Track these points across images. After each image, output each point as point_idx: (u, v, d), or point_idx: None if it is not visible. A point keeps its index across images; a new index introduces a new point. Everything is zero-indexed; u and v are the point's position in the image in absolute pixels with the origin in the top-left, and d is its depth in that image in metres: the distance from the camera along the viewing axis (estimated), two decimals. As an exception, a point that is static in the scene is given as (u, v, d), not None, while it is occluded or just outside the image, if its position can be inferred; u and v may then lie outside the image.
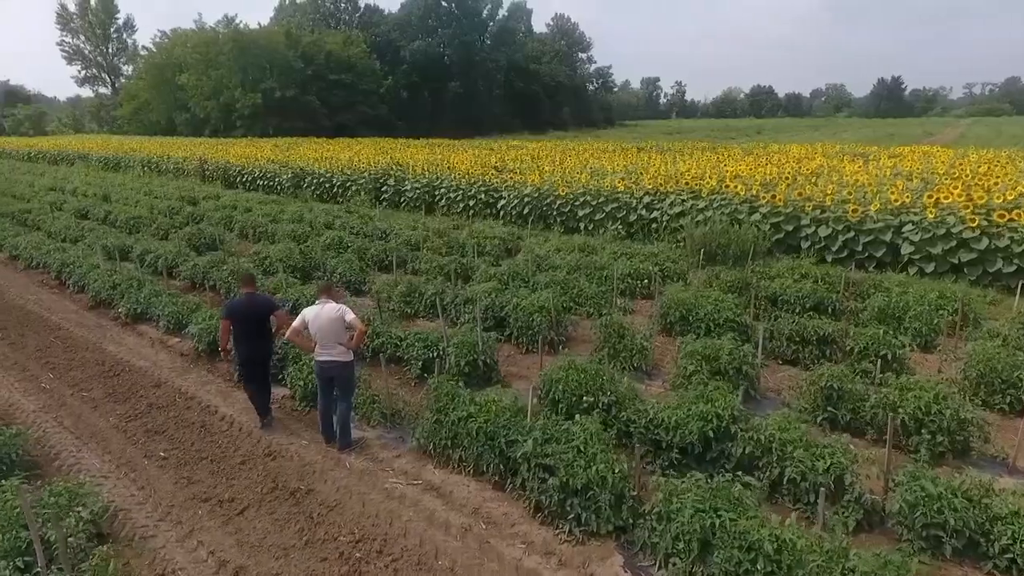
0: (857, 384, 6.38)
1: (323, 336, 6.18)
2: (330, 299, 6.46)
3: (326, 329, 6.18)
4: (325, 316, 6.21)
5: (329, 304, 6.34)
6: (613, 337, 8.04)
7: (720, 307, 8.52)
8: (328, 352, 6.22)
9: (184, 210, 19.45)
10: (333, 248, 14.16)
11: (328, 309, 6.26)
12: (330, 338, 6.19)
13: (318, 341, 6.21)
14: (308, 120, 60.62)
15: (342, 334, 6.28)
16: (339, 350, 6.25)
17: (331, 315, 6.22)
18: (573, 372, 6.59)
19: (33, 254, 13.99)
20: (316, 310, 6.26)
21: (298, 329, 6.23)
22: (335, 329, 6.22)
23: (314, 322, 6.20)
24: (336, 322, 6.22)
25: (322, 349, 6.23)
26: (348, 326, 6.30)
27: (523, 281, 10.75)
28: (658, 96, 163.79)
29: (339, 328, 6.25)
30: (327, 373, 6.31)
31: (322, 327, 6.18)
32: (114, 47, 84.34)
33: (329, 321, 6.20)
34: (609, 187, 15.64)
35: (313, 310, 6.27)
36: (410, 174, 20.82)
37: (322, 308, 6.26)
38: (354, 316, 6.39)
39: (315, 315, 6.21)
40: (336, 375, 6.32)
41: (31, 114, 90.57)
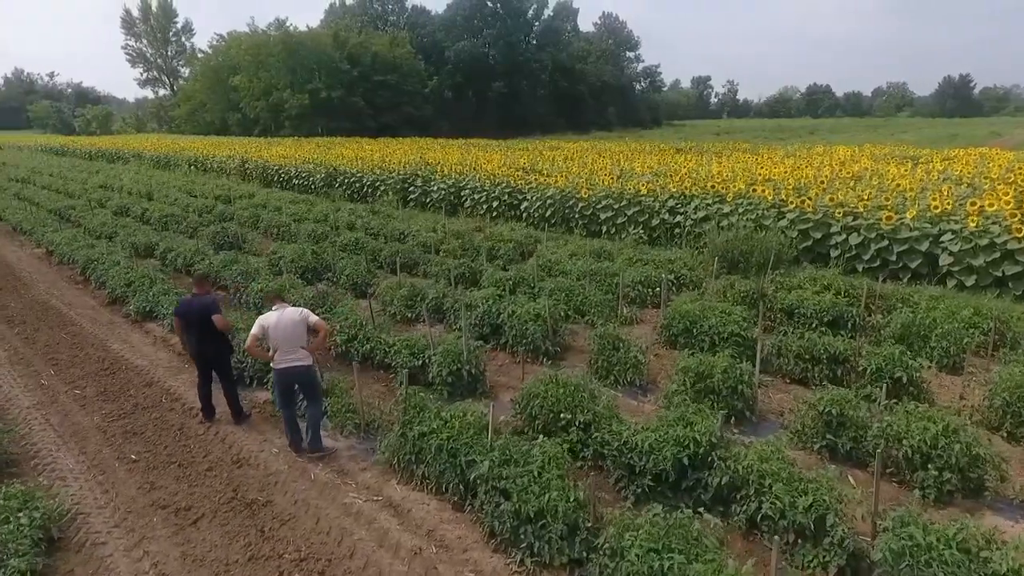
0: (861, 410, 5.83)
1: (285, 342, 6.07)
2: (285, 304, 6.39)
3: (289, 334, 6.08)
4: (287, 320, 6.10)
5: (288, 308, 6.28)
6: (607, 349, 7.66)
7: (726, 319, 8.01)
8: (290, 358, 6.11)
9: (216, 208, 19.88)
10: (349, 249, 14.15)
11: (289, 313, 6.18)
12: (293, 343, 6.10)
13: (279, 348, 6.09)
14: (354, 120, 61.71)
15: (304, 338, 6.20)
16: (301, 354, 6.15)
17: (293, 319, 6.13)
18: (553, 387, 6.26)
19: (65, 250, 14.45)
20: (275, 316, 6.14)
21: (257, 336, 6.10)
22: (298, 333, 6.14)
23: (275, 329, 6.07)
24: (299, 325, 6.14)
25: (283, 355, 6.10)
26: (312, 328, 6.22)
27: (528, 287, 10.46)
28: (709, 96, 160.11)
29: (302, 332, 6.17)
30: (290, 379, 6.20)
31: (285, 333, 6.07)
32: (173, 50, 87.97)
33: (292, 324, 6.10)
34: (632, 190, 15.14)
35: (272, 317, 6.15)
36: (437, 174, 20.73)
37: (282, 314, 6.16)
38: (317, 318, 6.34)
39: (275, 321, 6.09)
40: (300, 380, 6.24)
41: (98, 114, 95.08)
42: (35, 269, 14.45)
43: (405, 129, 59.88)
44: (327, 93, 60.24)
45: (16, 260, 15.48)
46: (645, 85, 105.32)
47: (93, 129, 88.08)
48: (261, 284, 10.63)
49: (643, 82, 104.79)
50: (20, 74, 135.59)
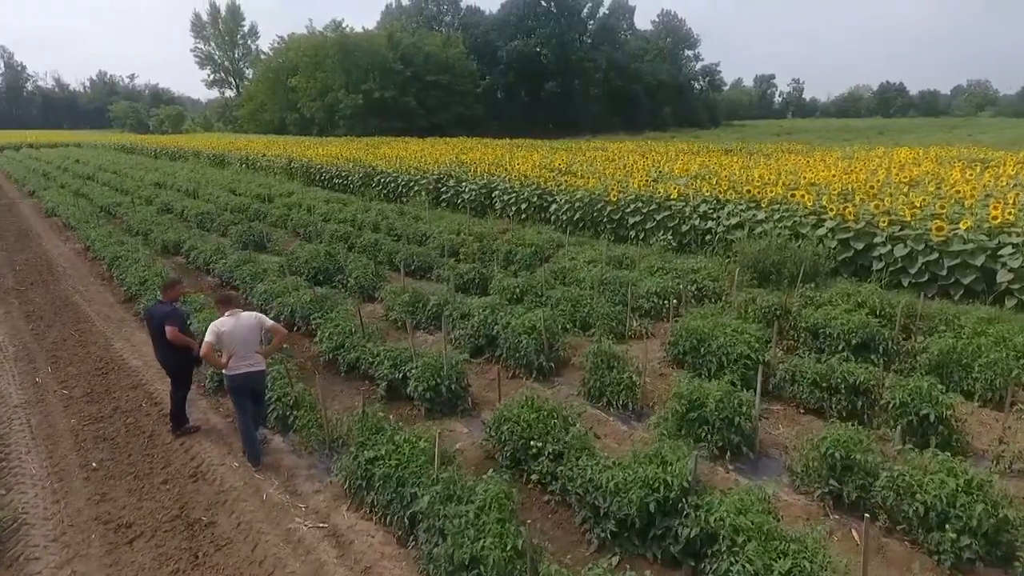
0: (873, 453, 5.06)
1: (242, 347, 5.91)
2: (239, 309, 6.19)
3: (245, 339, 5.93)
4: (244, 326, 5.94)
5: (243, 313, 6.09)
6: (601, 368, 7.07)
7: (736, 339, 7.27)
8: (247, 363, 5.95)
9: (251, 207, 20.16)
10: (368, 251, 13.98)
11: (245, 318, 6.01)
12: (249, 348, 5.95)
13: (235, 353, 5.90)
14: (405, 120, 62.34)
15: (259, 342, 6.07)
16: (257, 359, 6.04)
17: (249, 323, 5.98)
18: (527, 410, 5.74)
19: (98, 246, 14.82)
20: (231, 322, 5.93)
21: (212, 344, 5.88)
22: (254, 339, 6.01)
23: (231, 335, 5.88)
24: (255, 331, 6.00)
25: (240, 361, 5.92)
26: (269, 331, 6.13)
27: (536, 295, 9.93)
28: (772, 95, 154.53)
29: (258, 336, 6.04)
30: (250, 384, 6.05)
31: (241, 338, 5.91)
32: (239, 52, 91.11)
33: (248, 330, 5.96)
34: (662, 193, 14.36)
35: (227, 323, 5.94)
36: (469, 175, 20.38)
37: (237, 319, 5.97)
38: (272, 322, 6.21)
39: (232, 327, 5.90)
40: (258, 385, 6.16)
41: (170, 114, 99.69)
42: (70, 264, 14.88)
43: (456, 129, 60.04)
44: (380, 93, 61.07)
45: (57, 255, 16.01)
46: (704, 84, 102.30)
47: (165, 128, 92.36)
48: (266, 286, 10.51)
49: (702, 81, 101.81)
50: (104, 76, 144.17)
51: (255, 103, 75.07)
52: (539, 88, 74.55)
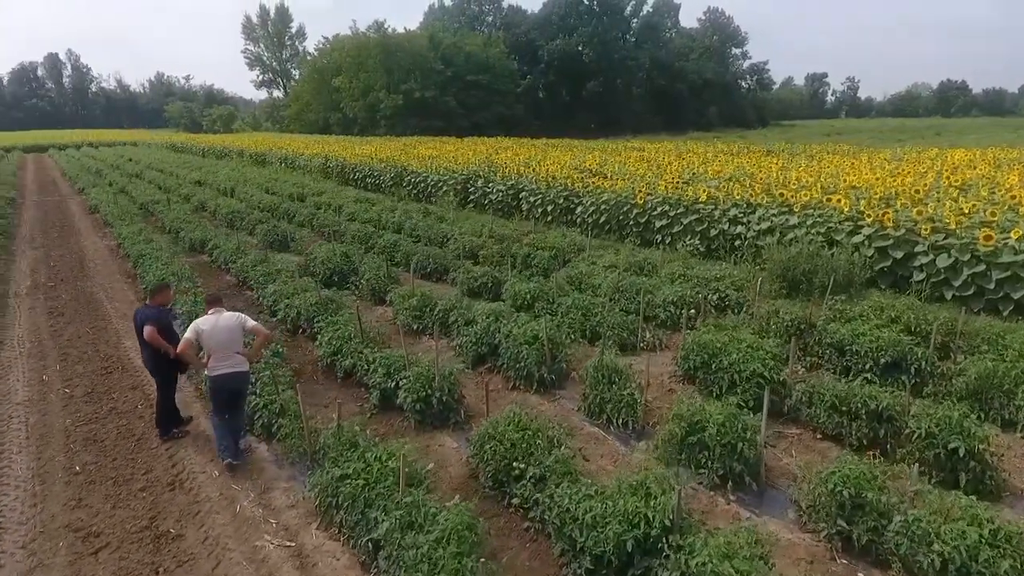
0: (887, 492, 4.53)
1: (221, 347, 5.82)
2: (223, 308, 6.10)
3: (225, 340, 5.82)
4: (224, 325, 5.84)
5: (225, 313, 5.99)
6: (602, 383, 6.66)
7: (750, 355, 6.76)
8: (229, 364, 5.85)
9: (282, 206, 20.34)
10: (387, 252, 13.84)
11: (226, 318, 5.91)
12: (230, 348, 5.83)
13: (214, 353, 5.82)
14: (445, 120, 62.60)
15: (240, 343, 5.94)
16: (239, 359, 5.91)
17: (230, 323, 5.87)
18: (512, 428, 5.40)
19: (128, 243, 15.11)
20: (212, 320, 5.88)
21: (191, 341, 5.84)
22: (235, 339, 5.88)
23: (211, 334, 5.81)
24: (235, 331, 5.87)
25: (220, 362, 5.83)
26: (250, 332, 6.02)
27: (547, 301, 9.57)
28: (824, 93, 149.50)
29: (239, 337, 5.91)
30: (231, 385, 5.94)
31: (221, 338, 5.82)
32: (287, 53, 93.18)
33: (228, 330, 5.84)
34: (691, 196, 13.77)
35: (208, 321, 5.89)
36: (497, 176, 20.09)
37: (218, 318, 5.90)
38: (255, 323, 6.07)
39: (211, 326, 5.83)
40: (239, 386, 6.01)
41: (222, 114, 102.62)
42: (102, 261, 15.23)
43: (495, 128, 59.88)
44: (420, 93, 61.48)
45: (92, 251, 16.43)
46: (751, 83, 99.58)
47: (217, 128, 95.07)
48: (277, 286, 10.44)
49: (749, 80, 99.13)
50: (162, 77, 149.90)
51: (300, 103, 76.58)
52: (580, 87, 73.83)
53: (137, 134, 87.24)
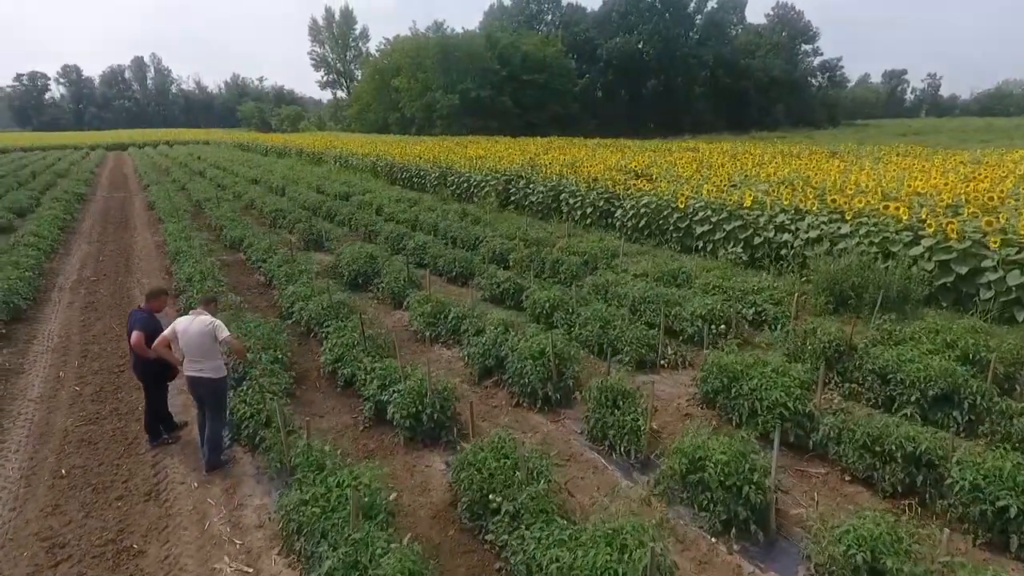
0: (910, 560, 3.84)
1: (189, 350, 5.77)
2: (206, 312, 5.97)
3: (193, 344, 5.75)
4: (194, 329, 5.76)
5: (201, 317, 5.87)
6: (606, 406, 6.12)
7: (773, 381, 6.07)
8: (195, 367, 5.80)
9: (325, 205, 20.52)
10: (416, 253, 13.63)
11: (198, 322, 5.79)
12: (196, 352, 5.75)
13: (185, 355, 5.81)
14: (501, 119, 62.47)
15: (211, 350, 5.81)
16: (208, 365, 5.80)
17: (200, 329, 5.74)
18: (492, 456, 4.96)
19: (170, 240, 15.48)
20: (187, 322, 5.85)
21: (167, 339, 5.87)
22: (203, 344, 5.76)
23: (182, 335, 5.79)
24: (204, 337, 5.74)
25: (189, 363, 5.82)
26: (223, 343, 5.87)
27: (567, 311, 9.06)
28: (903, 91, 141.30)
29: (207, 344, 5.77)
30: (197, 390, 5.94)
31: (190, 340, 5.76)
32: (351, 54, 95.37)
33: (198, 335, 5.74)
34: (735, 201, 12.92)
35: (184, 321, 5.88)
36: (539, 176, 19.61)
37: (192, 321, 5.83)
38: (228, 335, 5.88)
39: (184, 327, 5.80)
40: (204, 392, 5.90)
41: (289, 114, 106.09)
42: (147, 257, 15.65)
43: (551, 128, 59.31)
44: (476, 93, 61.54)
45: (141, 247, 16.93)
46: (822, 80, 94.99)
47: (285, 127, 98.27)
48: (296, 288, 10.33)
49: (820, 77, 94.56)
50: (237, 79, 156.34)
51: (361, 103, 78.16)
52: (640, 86, 72.26)
53: (210, 133, 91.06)
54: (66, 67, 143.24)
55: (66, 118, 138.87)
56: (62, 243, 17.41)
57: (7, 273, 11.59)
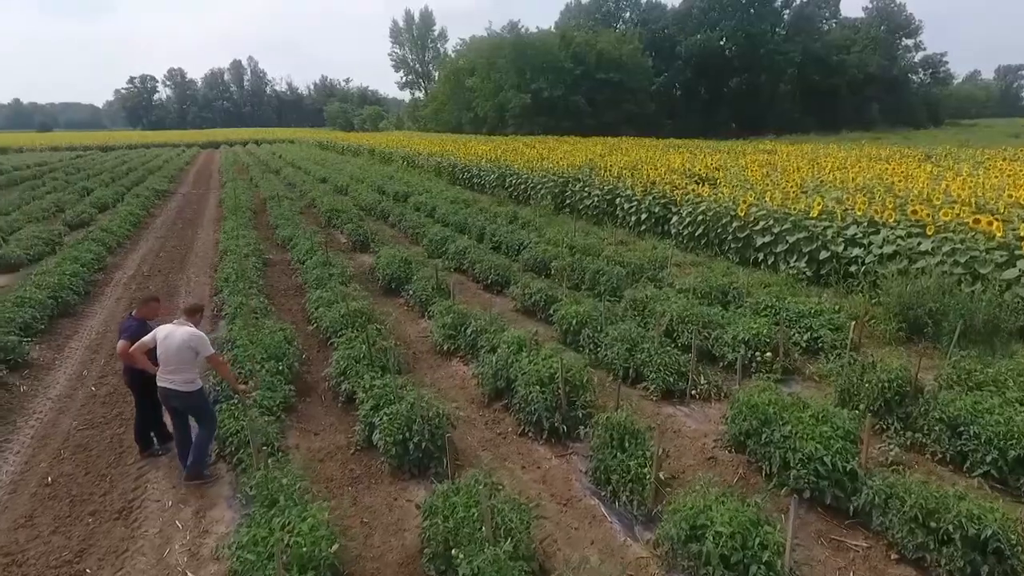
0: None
1: (165, 360, 5.53)
2: (189, 322, 5.68)
3: (170, 355, 5.51)
4: (174, 340, 5.50)
5: (183, 328, 5.58)
6: (611, 446, 5.41)
7: (809, 430, 5.17)
8: (168, 378, 5.56)
9: (380, 205, 20.57)
10: (455, 258, 13.23)
11: (181, 333, 5.53)
12: (171, 363, 5.51)
13: (160, 363, 5.55)
14: (573, 119, 61.47)
15: (187, 363, 5.55)
16: (179, 378, 5.54)
17: (181, 341, 5.50)
18: (463, 501, 4.40)
19: (224, 238, 15.79)
20: (167, 331, 5.58)
21: (147, 345, 5.62)
22: (181, 357, 5.50)
23: (161, 344, 5.54)
24: (182, 351, 5.49)
25: (163, 373, 5.57)
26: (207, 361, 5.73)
27: (595, 329, 8.34)
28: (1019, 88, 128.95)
29: (185, 358, 5.51)
30: (168, 402, 5.72)
31: (167, 350, 5.52)
32: (429, 55, 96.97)
33: (177, 348, 5.49)
34: (800, 210, 11.71)
35: (164, 330, 5.61)
36: (597, 179, 18.78)
37: (173, 331, 5.56)
38: (212, 352, 5.64)
39: (164, 337, 5.55)
40: (176, 404, 5.69)
41: (371, 114, 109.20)
42: (203, 254, 16.05)
43: (624, 128, 57.75)
44: (549, 92, 60.86)
45: (201, 244, 17.43)
46: (924, 77, 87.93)
47: (367, 127, 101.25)
48: (320, 292, 10.13)
49: (921, 74, 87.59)
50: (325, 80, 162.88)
51: (437, 103, 79.14)
52: (721, 85, 69.37)
53: (296, 132, 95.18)
54: (172, 70, 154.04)
55: (171, 118, 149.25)
56: (131, 238, 18.17)
57: (64, 268, 12.06)
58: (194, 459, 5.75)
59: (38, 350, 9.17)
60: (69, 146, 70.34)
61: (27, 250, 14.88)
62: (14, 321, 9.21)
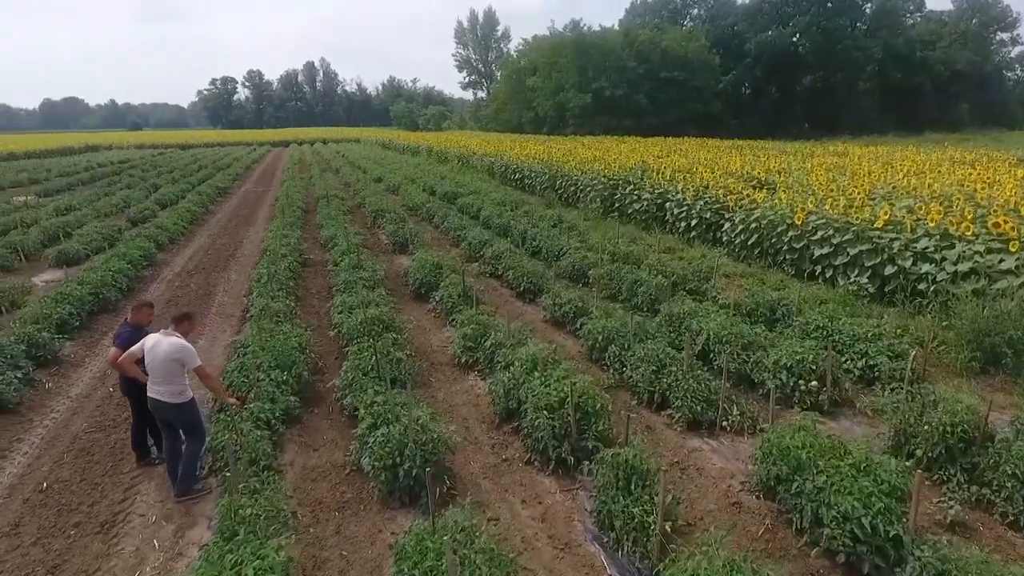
0: None
1: (152, 371, 5.39)
2: (176, 332, 5.49)
3: (156, 365, 5.36)
4: (160, 351, 5.34)
5: (169, 339, 5.39)
6: (615, 487, 4.83)
7: (847, 483, 4.44)
8: (155, 388, 5.40)
9: (425, 206, 20.40)
10: (491, 263, 12.83)
11: (167, 344, 5.36)
12: (158, 374, 5.35)
13: (148, 374, 5.42)
14: (635, 119, 60.14)
15: (174, 375, 5.37)
16: (166, 389, 5.36)
17: (166, 353, 5.34)
18: (435, 546, 3.95)
19: (268, 238, 15.93)
20: (154, 341, 5.42)
21: (135, 355, 5.48)
22: (167, 369, 5.34)
23: (149, 353, 5.38)
24: (167, 364, 5.32)
25: (151, 384, 5.42)
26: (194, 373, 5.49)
27: (620, 347, 7.73)
28: None
29: (171, 369, 5.34)
30: (155, 412, 5.55)
31: (154, 361, 5.36)
32: (492, 55, 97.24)
33: (162, 359, 5.33)
34: (864, 220, 10.65)
35: (152, 340, 5.45)
36: (648, 182, 17.95)
37: (159, 341, 5.40)
38: (198, 364, 5.44)
39: (151, 346, 5.39)
40: (165, 416, 5.51)
41: (434, 114, 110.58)
42: (249, 252, 16.23)
43: (688, 127, 55.96)
44: (610, 92, 59.73)
45: (249, 243, 17.66)
46: (1022, 74, 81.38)
47: (430, 126, 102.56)
48: (344, 298, 9.91)
49: (1019, 70, 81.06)
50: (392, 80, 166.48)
51: (498, 103, 79.25)
52: (793, 83, 66.22)
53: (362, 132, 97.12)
54: (250, 72, 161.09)
55: (248, 117, 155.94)
56: (186, 235, 18.68)
57: (110, 264, 12.36)
58: (183, 473, 5.55)
59: (70, 346, 9.33)
60: (153, 144, 74.48)
61: (86, 245, 15.44)
62: (51, 317, 9.41)
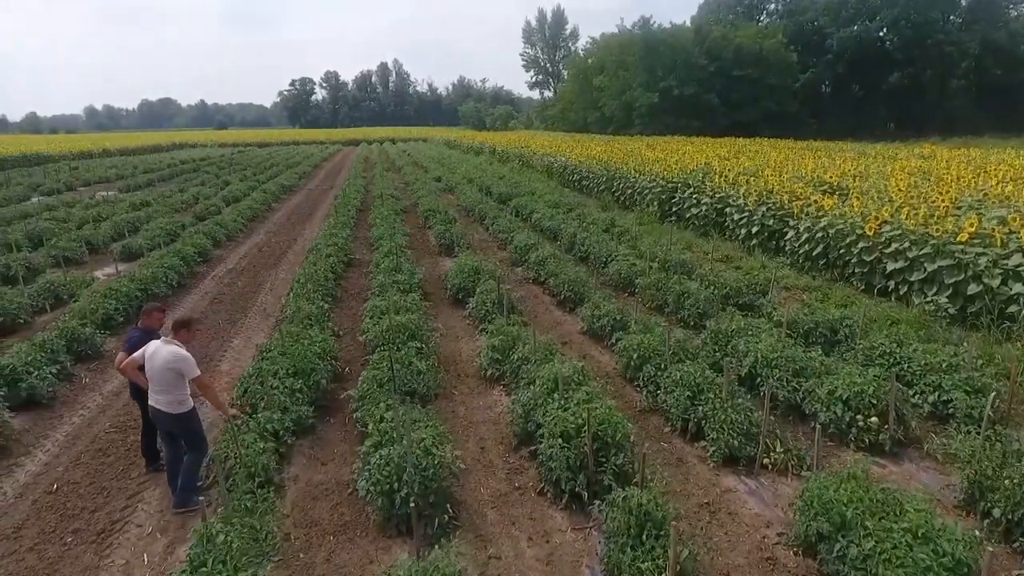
0: None
1: (152, 379, 5.27)
2: (176, 340, 5.32)
3: (155, 373, 5.23)
4: (159, 360, 5.21)
5: (167, 348, 5.24)
6: (626, 535, 4.30)
7: (903, 551, 3.74)
8: (154, 397, 5.29)
9: (478, 207, 20.13)
10: (534, 268, 12.39)
11: (165, 352, 5.21)
12: (157, 383, 5.23)
13: (149, 382, 5.29)
14: (704, 118, 58.19)
15: (173, 384, 5.22)
16: (164, 399, 5.22)
17: (164, 362, 5.19)
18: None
19: (318, 237, 16.05)
20: (155, 348, 5.29)
21: (137, 362, 5.37)
22: (165, 379, 5.20)
23: (149, 360, 5.26)
24: (164, 372, 5.18)
25: (151, 392, 5.31)
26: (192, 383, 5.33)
27: (656, 367, 7.12)
28: None
29: (169, 379, 5.19)
30: (155, 421, 5.45)
31: (153, 369, 5.23)
32: (560, 55, 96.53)
33: (160, 368, 5.20)
34: (946, 232, 9.53)
35: (152, 347, 5.32)
36: (708, 185, 17.00)
37: (160, 348, 5.26)
38: (197, 375, 5.27)
39: (152, 353, 5.27)
40: (164, 425, 5.38)
41: (502, 114, 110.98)
42: (300, 251, 16.33)
43: (762, 127, 53.57)
44: (679, 90, 57.91)
45: (303, 241, 17.77)
46: None
47: (498, 126, 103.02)
48: (375, 301, 9.69)
49: None
50: (462, 80, 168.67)
51: (564, 102, 78.59)
52: (879, 81, 62.18)
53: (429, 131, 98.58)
54: (327, 73, 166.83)
55: (324, 117, 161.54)
56: (245, 231, 19.14)
57: (163, 260, 12.68)
58: (181, 485, 5.39)
59: (112, 342, 9.51)
60: (234, 143, 78.21)
61: (149, 241, 15.98)
62: (96, 312, 9.65)
